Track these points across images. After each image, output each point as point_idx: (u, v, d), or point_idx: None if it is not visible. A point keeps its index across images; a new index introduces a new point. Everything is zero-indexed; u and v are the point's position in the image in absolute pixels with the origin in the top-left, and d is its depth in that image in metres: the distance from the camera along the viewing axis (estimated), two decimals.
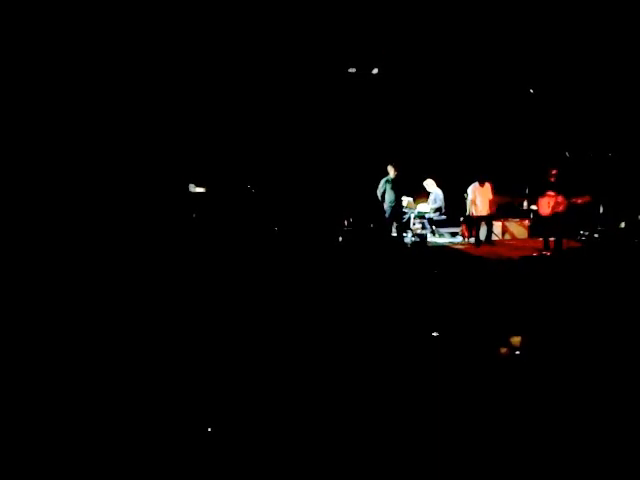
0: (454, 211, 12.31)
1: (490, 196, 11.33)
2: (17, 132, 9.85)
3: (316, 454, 3.40)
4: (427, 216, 12.38)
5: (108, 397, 4.23)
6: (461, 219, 12.08)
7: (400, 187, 11.22)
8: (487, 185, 11.31)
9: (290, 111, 11.12)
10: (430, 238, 12.22)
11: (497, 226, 11.94)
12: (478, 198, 11.31)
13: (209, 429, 3.64)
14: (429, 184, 12.43)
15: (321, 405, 4.02)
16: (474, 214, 11.44)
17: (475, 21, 10.42)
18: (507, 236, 12.07)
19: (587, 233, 11.89)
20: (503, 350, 5.54)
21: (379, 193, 11.23)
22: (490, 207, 11.35)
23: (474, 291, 8.55)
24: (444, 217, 12.46)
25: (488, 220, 11.51)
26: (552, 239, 10.67)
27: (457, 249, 11.43)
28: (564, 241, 10.76)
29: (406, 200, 12.14)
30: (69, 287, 8.40)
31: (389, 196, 11.21)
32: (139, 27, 9.53)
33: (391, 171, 11.15)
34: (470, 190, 11.41)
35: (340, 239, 11.53)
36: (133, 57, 9.89)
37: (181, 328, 7.23)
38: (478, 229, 11.46)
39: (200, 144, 11.45)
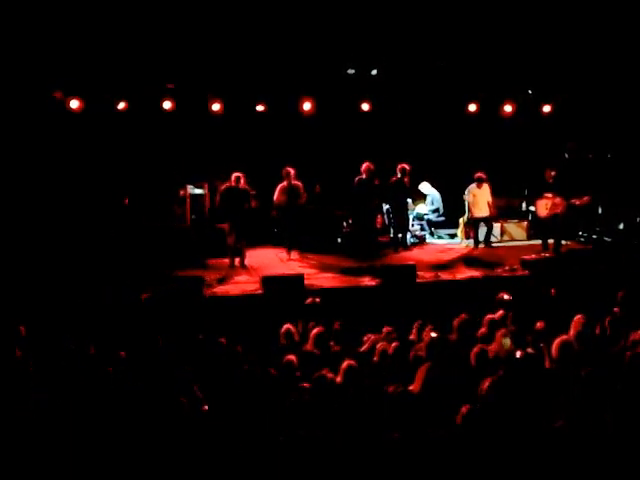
0: (452, 212, 12.24)
1: (489, 198, 11.25)
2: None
3: None
4: (425, 217, 12.33)
5: None
6: (460, 220, 12.01)
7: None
8: (485, 186, 11.19)
9: (289, 111, 11.09)
10: (428, 239, 12.18)
11: (495, 227, 11.83)
12: (476, 199, 11.23)
13: None
14: (424, 187, 12.30)
15: None
16: (472, 215, 11.38)
17: (472, 21, 10.41)
18: (505, 237, 12.00)
19: (586, 234, 11.85)
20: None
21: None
22: (490, 209, 11.26)
23: (472, 292, 8.54)
24: (442, 218, 12.40)
25: (487, 221, 11.43)
26: (551, 240, 10.64)
27: (455, 250, 11.41)
28: (563, 242, 10.74)
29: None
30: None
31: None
32: (137, 26, 9.53)
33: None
34: (467, 191, 11.32)
35: (339, 240, 11.51)
36: (132, 57, 9.90)
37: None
38: (476, 230, 11.39)
39: (199, 146, 11.44)
